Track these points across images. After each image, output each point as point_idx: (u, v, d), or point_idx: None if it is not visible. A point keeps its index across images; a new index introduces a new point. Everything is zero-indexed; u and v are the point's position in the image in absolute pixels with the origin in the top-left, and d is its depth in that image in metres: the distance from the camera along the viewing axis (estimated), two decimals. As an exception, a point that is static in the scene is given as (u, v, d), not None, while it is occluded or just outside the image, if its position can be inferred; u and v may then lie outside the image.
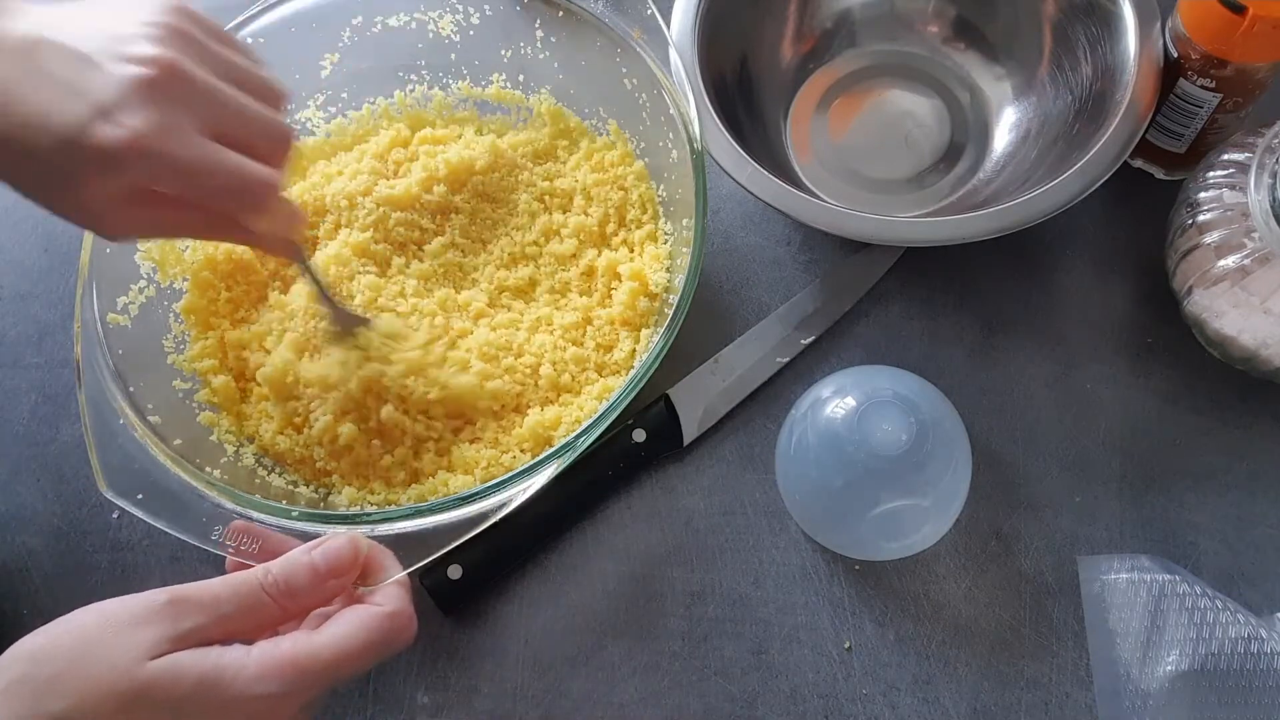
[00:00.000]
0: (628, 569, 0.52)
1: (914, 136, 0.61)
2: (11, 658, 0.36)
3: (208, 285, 0.55)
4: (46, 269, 0.62)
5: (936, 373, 0.54)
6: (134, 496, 0.45)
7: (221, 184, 0.40)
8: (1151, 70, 0.53)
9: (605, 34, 0.55)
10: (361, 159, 0.58)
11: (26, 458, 0.57)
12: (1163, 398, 0.54)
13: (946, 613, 0.50)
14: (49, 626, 0.37)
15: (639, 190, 0.57)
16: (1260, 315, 0.48)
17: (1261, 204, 0.46)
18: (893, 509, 0.47)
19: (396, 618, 0.40)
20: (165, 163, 0.38)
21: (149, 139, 0.37)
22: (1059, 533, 0.51)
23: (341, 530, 0.43)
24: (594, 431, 0.46)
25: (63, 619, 0.37)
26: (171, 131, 0.38)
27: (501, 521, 0.45)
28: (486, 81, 0.61)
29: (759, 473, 0.54)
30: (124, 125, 0.37)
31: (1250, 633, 0.44)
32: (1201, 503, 0.52)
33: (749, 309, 0.58)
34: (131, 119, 0.37)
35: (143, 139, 0.37)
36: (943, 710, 0.48)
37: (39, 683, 0.35)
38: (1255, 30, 0.48)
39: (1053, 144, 0.56)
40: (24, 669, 0.36)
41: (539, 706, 0.50)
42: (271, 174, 0.41)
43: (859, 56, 0.64)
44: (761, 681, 0.50)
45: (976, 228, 0.51)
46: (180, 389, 0.53)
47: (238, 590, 0.38)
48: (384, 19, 0.58)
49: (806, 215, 0.52)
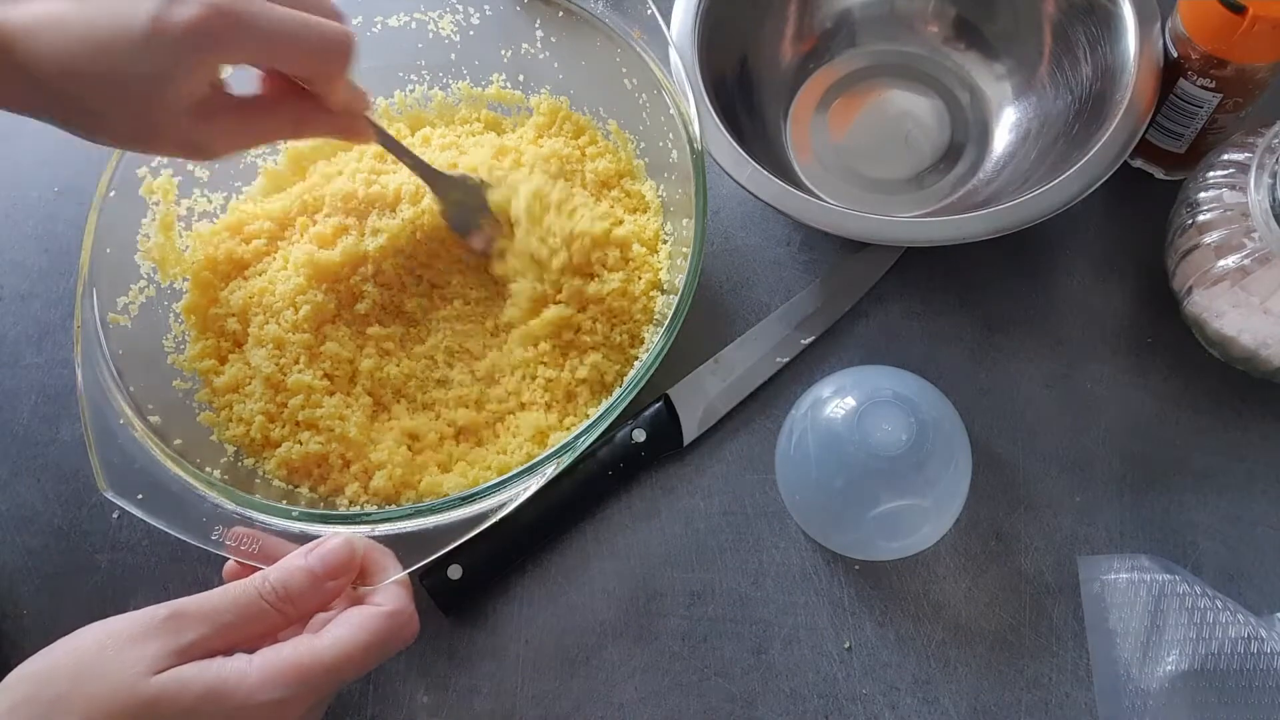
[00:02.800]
0: (628, 569, 0.52)
1: (914, 136, 0.61)
2: (14, 680, 0.36)
3: (208, 285, 0.55)
4: (46, 269, 0.62)
5: (936, 373, 0.54)
6: (134, 496, 0.45)
7: (306, 38, 0.41)
8: (1151, 70, 0.53)
9: (605, 34, 0.55)
10: (361, 159, 0.58)
11: (26, 458, 0.57)
12: (1163, 398, 0.54)
13: (946, 613, 0.50)
14: (50, 648, 0.37)
15: None
16: (1260, 315, 0.48)
17: (1261, 204, 0.46)
18: (893, 509, 0.47)
19: (397, 616, 0.40)
20: (253, 25, 0.39)
21: (229, 7, 0.38)
22: (1059, 533, 0.51)
23: (341, 531, 0.43)
24: (594, 431, 0.46)
25: (63, 640, 0.37)
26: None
27: (501, 521, 0.45)
28: (486, 81, 0.61)
29: (759, 473, 0.54)
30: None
31: (1250, 633, 0.44)
32: (1201, 503, 0.52)
33: (749, 309, 0.58)
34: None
35: (225, 8, 0.38)
36: (943, 710, 0.48)
37: (43, 705, 0.35)
38: (1255, 30, 0.48)
39: (1053, 144, 0.56)
40: (27, 691, 0.36)
41: (539, 706, 0.50)
42: (346, 29, 0.42)
43: (859, 56, 0.64)
44: (761, 681, 0.50)
45: (976, 228, 0.51)
46: (180, 389, 0.53)
47: (236, 600, 0.38)
48: (384, 19, 0.58)
49: (806, 215, 0.52)
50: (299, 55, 0.42)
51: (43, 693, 0.35)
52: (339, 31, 0.42)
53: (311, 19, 0.41)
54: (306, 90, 0.44)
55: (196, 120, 0.41)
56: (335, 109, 0.45)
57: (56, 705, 0.35)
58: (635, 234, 0.55)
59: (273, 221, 0.57)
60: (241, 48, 0.40)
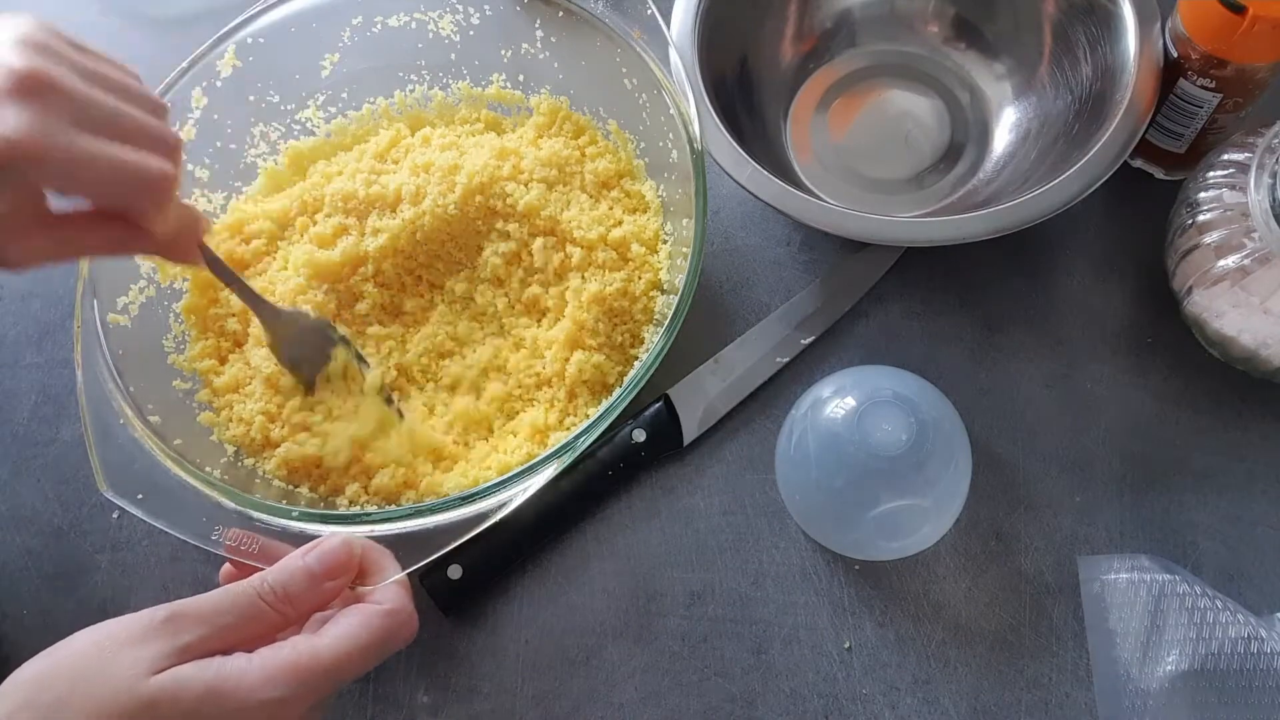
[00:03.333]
0: (628, 569, 0.52)
1: (914, 136, 0.61)
2: (14, 684, 0.36)
3: (208, 285, 0.55)
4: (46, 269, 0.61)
5: (936, 373, 0.54)
6: (134, 496, 0.45)
7: (113, 175, 0.38)
8: (1151, 70, 0.53)
9: (605, 34, 0.55)
10: (361, 159, 0.58)
11: (26, 458, 0.57)
12: (1163, 398, 0.54)
13: (946, 613, 0.50)
14: (49, 651, 0.37)
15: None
16: (1260, 315, 0.48)
17: (1261, 204, 0.46)
18: (893, 509, 0.47)
19: (396, 614, 0.40)
20: (50, 159, 0.36)
21: (28, 140, 0.35)
22: (1059, 533, 0.51)
23: (340, 531, 0.43)
24: (594, 431, 0.46)
25: (62, 642, 0.37)
26: (51, 129, 0.36)
27: (501, 521, 0.45)
28: (486, 81, 0.61)
29: (759, 473, 0.54)
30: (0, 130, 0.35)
31: (1250, 633, 0.44)
32: (1201, 503, 0.52)
33: (749, 309, 0.58)
34: (4, 125, 0.35)
35: (21, 141, 0.35)
36: (943, 710, 0.48)
37: (43, 707, 0.35)
38: (1255, 30, 0.48)
39: (1053, 144, 0.56)
40: (27, 694, 0.36)
41: (539, 706, 0.50)
42: (165, 164, 0.39)
43: (859, 56, 0.64)
44: (761, 681, 0.50)
45: (976, 228, 0.51)
46: (180, 389, 0.53)
47: (235, 600, 0.38)
48: (384, 19, 0.58)
49: (806, 215, 0.52)
50: (107, 193, 0.39)
51: (42, 696, 0.35)
52: (154, 170, 0.39)
53: (127, 156, 0.38)
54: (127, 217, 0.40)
55: (1, 235, 0.38)
56: (160, 239, 0.41)
57: (56, 708, 0.35)
58: (635, 234, 0.55)
59: (273, 221, 0.57)
60: (44, 182, 0.37)
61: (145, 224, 0.40)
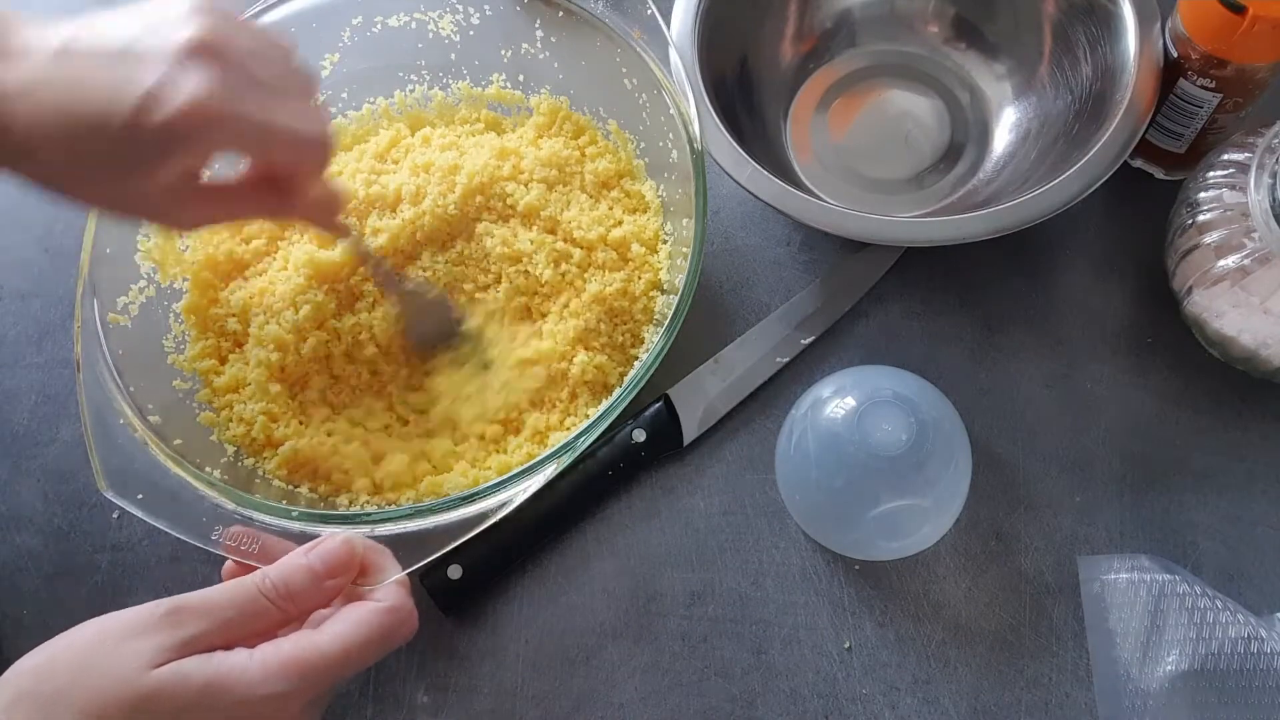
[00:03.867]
0: (628, 569, 0.52)
1: (914, 136, 0.61)
2: (14, 675, 0.36)
3: (208, 285, 0.55)
4: (46, 269, 0.62)
5: (936, 373, 0.54)
6: (134, 496, 0.45)
7: (287, 137, 0.40)
8: (1151, 70, 0.53)
9: (605, 34, 0.55)
10: (361, 159, 0.58)
11: (26, 458, 0.57)
12: (1163, 398, 0.54)
13: (946, 613, 0.50)
14: (50, 643, 0.37)
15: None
16: (1260, 315, 0.48)
17: (1261, 204, 0.46)
18: (892, 509, 0.47)
19: (396, 612, 0.40)
20: (231, 121, 0.38)
21: (213, 101, 0.37)
22: (1059, 533, 0.51)
23: (341, 531, 0.44)
24: (594, 431, 0.46)
25: (63, 634, 0.37)
26: (231, 91, 0.38)
27: (501, 521, 0.45)
28: (486, 81, 0.61)
29: (759, 473, 0.54)
30: (184, 92, 0.37)
31: (1250, 633, 0.44)
32: (1201, 503, 0.52)
33: (749, 309, 0.58)
34: (189, 85, 0.37)
35: (208, 103, 0.37)
36: (943, 710, 0.48)
37: (43, 698, 0.35)
38: (1255, 30, 0.48)
39: (1053, 144, 0.56)
40: (27, 685, 0.36)
41: (539, 706, 0.50)
42: (327, 129, 0.42)
43: (859, 56, 0.64)
44: (761, 681, 0.50)
45: (976, 228, 0.51)
46: (180, 389, 0.53)
47: (236, 596, 0.39)
48: (384, 19, 0.58)
49: (806, 215, 0.52)
50: (279, 156, 0.41)
51: (42, 687, 0.35)
52: (319, 134, 0.42)
53: (297, 120, 0.40)
54: (283, 182, 0.44)
55: (169, 201, 0.40)
56: (309, 206, 0.45)
57: (56, 699, 0.35)
58: (635, 234, 0.55)
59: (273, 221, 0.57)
60: (217, 145, 0.39)
61: (302, 189, 0.44)
